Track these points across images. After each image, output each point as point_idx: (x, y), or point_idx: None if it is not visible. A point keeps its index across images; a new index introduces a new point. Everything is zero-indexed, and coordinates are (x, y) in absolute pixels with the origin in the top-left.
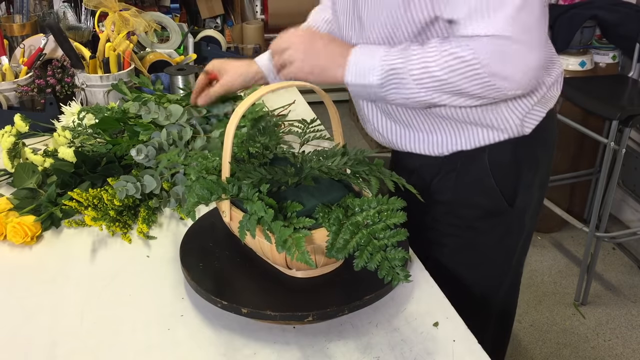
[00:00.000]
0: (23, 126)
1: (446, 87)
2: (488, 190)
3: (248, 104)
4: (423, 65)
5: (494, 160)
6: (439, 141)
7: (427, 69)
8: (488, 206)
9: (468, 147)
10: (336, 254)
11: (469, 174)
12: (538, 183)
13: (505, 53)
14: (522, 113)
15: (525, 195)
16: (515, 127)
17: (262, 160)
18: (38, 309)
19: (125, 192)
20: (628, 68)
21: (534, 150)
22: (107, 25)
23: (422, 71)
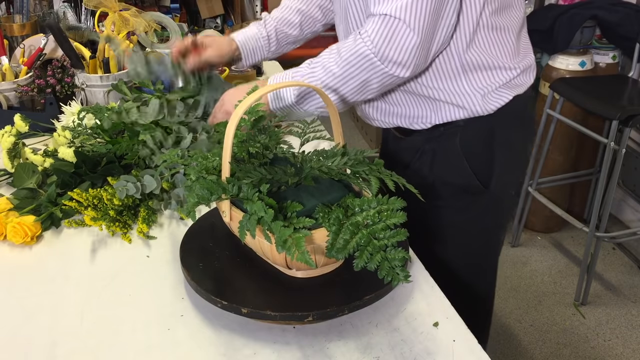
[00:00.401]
0: (23, 126)
1: (349, 84)
2: (461, 170)
3: (248, 104)
4: (326, 69)
5: (465, 141)
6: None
7: (329, 71)
8: (461, 184)
9: (438, 121)
10: (336, 254)
11: (443, 154)
12: (514, 166)
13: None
14: (484, 92)
15: (501, 178)
16: (479, 106)
17: (262, 160)
18: (38, 309)
19: (125, 191)
20: (628, 68)
21: (507, 133)
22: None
23: (326, 76)
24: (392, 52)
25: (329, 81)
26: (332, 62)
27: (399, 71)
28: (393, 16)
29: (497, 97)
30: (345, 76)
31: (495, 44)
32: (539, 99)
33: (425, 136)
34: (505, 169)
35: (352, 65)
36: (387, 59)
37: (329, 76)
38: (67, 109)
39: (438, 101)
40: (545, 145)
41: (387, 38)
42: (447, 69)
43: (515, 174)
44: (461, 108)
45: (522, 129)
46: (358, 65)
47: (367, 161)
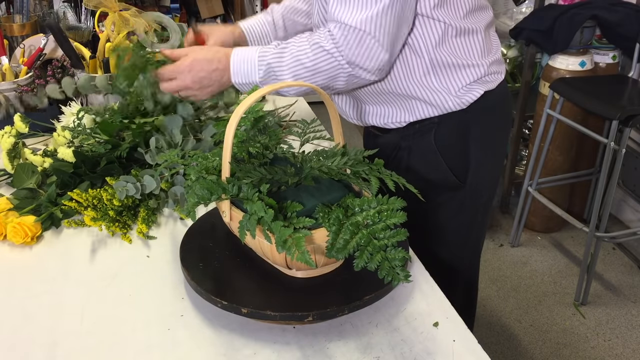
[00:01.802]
0: (23, 126)
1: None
2: (437, 166)
3: (248, 104)
4: (297, 57)
5: (440, 138)
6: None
7: (299, 60)
8: (438, 180)
9: (412, 119)
10: (336, 254)
11: (419, 151)
12: (490, 161)
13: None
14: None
15: (477, 173)
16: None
17: (262, 160)
18: (38, 309)
19: (125, 192)
20: (628, 68)
21: (481, 128)
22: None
23: (295, 63)
24: (361, 60)
25: (298, 70)
26: (303, 54)
27: (366, 75)
28: (360, 29)
29: (468, 93)
30: (315, 70)
31: (464, 44)
32: (539, 99)
33: (401, 134)
34: (481, 164)
35: (322, 62)
36: (355, 64)
37: (299, 66)
38: (67, 109)
39: (410, 99)
40: (545, 145)
41: (356, 48)
42: (417, 67)
43: (492, 168)
44: (433, 105)
45: (496, 124)
46: (327, 64)
47: (367, 161)
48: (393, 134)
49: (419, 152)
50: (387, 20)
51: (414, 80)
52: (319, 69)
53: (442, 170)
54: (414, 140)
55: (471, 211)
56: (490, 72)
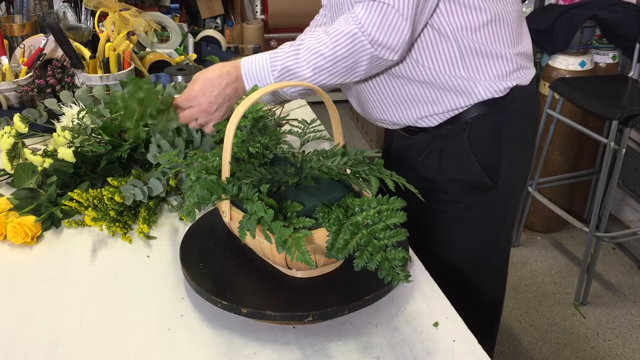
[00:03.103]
0: (22, 126)
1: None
2: (469, 166)
3: (248, 104)
4: (315, 50)
5: (473, 138)
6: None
7: (318, 52)
8: (470, 181)
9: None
10: (336, 254)
11: (451, 152)
12: (520, 161)
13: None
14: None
15: (509, 173)
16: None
17: (262, 160)
18: (38, 309)
19: (132, 197)
20: (628, 68)
21: (513, 128)
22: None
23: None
24: (384, 37)
25: (318, 62)
26: (321, 44)
27: (388, 54)
28: (384, 2)
29: (498, 82)
30: (335, 58)
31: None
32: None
33: (432, 134)
34: (513, 164)
35: (342, 47)
36: (378, 43)
37: (318, 58)
38: (67, 110)
39: (439, 89)
40: (545, 145)
41: (379, 23)
42: (445, 53)
43: (522, 168)
44: (464, 94)
45: (527, 124)
46: (348, 47)
47: (367, 161)
48: (422, 136)
49: (450, 153)
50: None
51: (444, 68)
52: (339, 56)
53: (475, 171)
54: (445, 141)
55: (502, 212)
56: (521, 67)
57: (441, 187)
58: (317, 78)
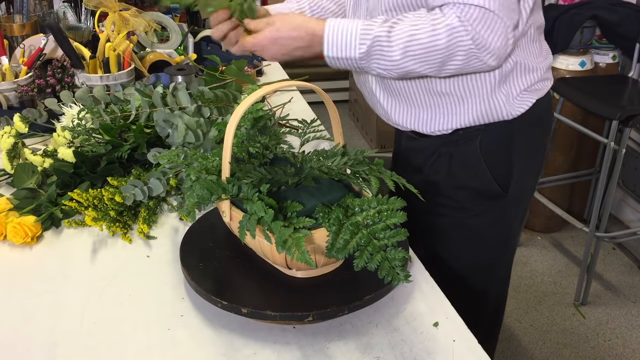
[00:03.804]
0: (22, 126)
1: (432, 55)
2: (480, 173)
3: (248, 104)
4: (410, 33)
5: (485, 145)
6: (434, 118)
7: (414, 36)
8: (480, 189)
9: (460, 125)
10: (336, 254)
11: (462, 157)
12: (532, 172)
13: (491, 25)
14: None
15: (520, 182)
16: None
17: (262, 160)
18: (38, 309)
19: (132, 197)
20: (628, 68)
21: (526, 137)
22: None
23: (408, 39)
24: (490, 42)
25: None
26: (419, 30)
27: (490, 60)
28: (486, 8)
29: (520, 102)
30: (430, 47)
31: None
32: None
33: (443, 139)
34: (524, 173)
35: (442, 38)
36: (482, 47)
37: (413, 42)
38: (67, 110)
39: (465, 103)
40: None
41: (486, 30)
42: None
43: (533, 177)
44: (484, 111)
45: (540, 132)
46: (448, 40)
47: (367, 161)
48: (433, 139)
49: (461, 159)
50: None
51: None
52: (435, 46)
53: (485, 178)
54: (456, 146)
55: (511, 221)
56: (543, 78)
57: (449, 192)
58: (405, 63)
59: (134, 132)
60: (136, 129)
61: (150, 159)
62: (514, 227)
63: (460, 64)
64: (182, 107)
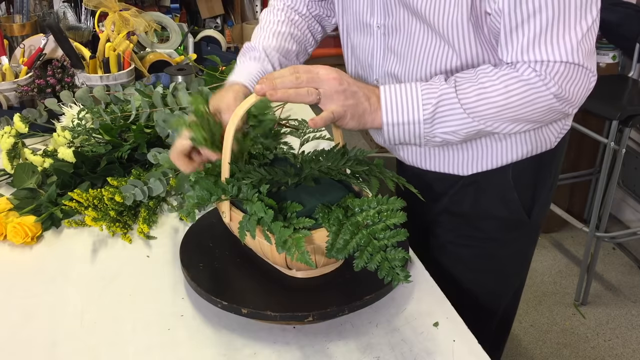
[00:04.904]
0: (22, 126)
1: (505, 113)
2: (509, 203)
3: (247, 106)
4: (478, 92)
5: (518, 174)
6: (464, 159)
7: (483, 95)
8: (508, 219)
9: (492, 166)
10: (336, 254)
11: (491, 187)
12: (550, 189)
13: (574, 78)
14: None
15: (540, 204)
16: (549, 142)
17: (262, 161)
18: (38, 309)
19: (132, 197)
20: (628, 68)
21: (553, 161)
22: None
23: (477, 98)
24: (572, 94)
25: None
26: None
27: (571, 110)
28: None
29: (560, 130)
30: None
31: None
32: None
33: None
34: (544, 193)
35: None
36: (564, 99)
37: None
38: (67, 110)
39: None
40: None
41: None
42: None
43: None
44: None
45: (564, 151)
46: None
47: (367, 161)
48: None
49: (490, 188)
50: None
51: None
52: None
53: (514, 208)
54: (485, 175)
55: (532, 244)
56: None
57: (474, 223)
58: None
59: (134, 132)
60: (136, 129)
61: (150, 159)
62: (532, 248)
63: (538, 118)
64: (182, 107)
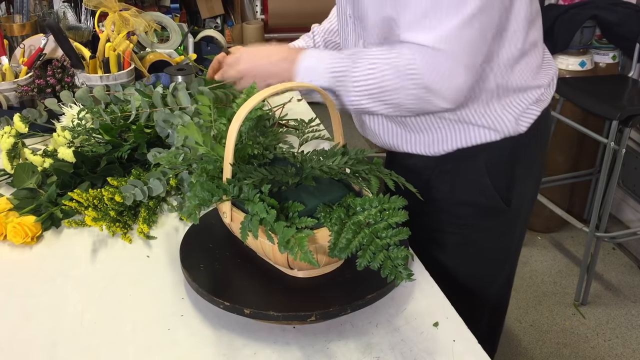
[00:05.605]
0: (22, 126)
1: (382, 96)
2: (484, 189)
3: (251, 106)
4: (367, 72)
5: (490, 160)
6: (434, 140)
7: (369, 76)
8: (485, 205)
9: (464, 145)
10: (339, 254)
11: (465, 173)
12: (533, 181)
13: (440, 68)
14: (517, 113)
15: (521, 194)
16: (511, 127)
17: (262, 161)
18: (38, 309)
19: (132, 197)
20: (628, 68)
21: (530, 149)
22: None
23: (364, 78)
24: (439, 86)
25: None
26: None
27: (442, 103)
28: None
29: (528, 116)
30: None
31: (530, 64)
32: None
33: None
34: (525, 184)
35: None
36: (431, 91)
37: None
38: (67, 110)
39: (468, 124)
40: None
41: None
42: (482, 94)
43: (533, 185)
44: (492, 130)
45: (541, 142)
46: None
47: (367, 160)
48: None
49: (464, 175)
50: (471, 34)
51: (476, 106)
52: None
53: (489, 194)
54: (459, 162)
55: (514, 233)
56: (547, 88)
57: (451, 209)
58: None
59: (134, 132)
60: (136, 129)
61: (150, 159)
62: (516, 238)
63: (416, 109)
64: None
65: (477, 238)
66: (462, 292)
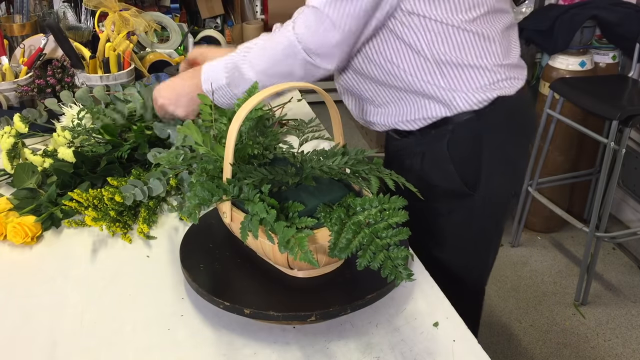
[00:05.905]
0: (22, 126)
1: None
2: (447, 174)
3: (251, 106)
4: (259, 52)
5: (453, 145)
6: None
7: (261, 54)
8: (447, 189)
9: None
10: (339, 254)
11: (431, 157)
12: (503, 171)
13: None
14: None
15: (490, 182)
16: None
17: (262, 161)
18: (38, 309)
19: (132, 197)
20: (628, 68)
21: (495, 138)
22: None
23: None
24: (315, 45)
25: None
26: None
27: (322, 63)
28: (320, 10)
29: (479, 94)
30: (274, 60)
31: (473, 46)
32: (539, 99)
33: (417, 139)
34: (494, 174)
35: (280, 50)
36: (310, 51)
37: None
38: (67, 110)
39: (419, 96)
40: (545, 145)
41: (312, 30)
42: (421, 65)
43: (506, 178)
44: (443, 104)
45: (513, 133)
46: (283, 51)
47: (367, 161)
48: (410, 139)
49: (431, 159)
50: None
51: (420, 77)
52: (277, 59)
53: (452, 178)
54: (427, 146)
55: (482, 221)
56: (506, 77)
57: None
58: (260, 79)
59: (134, 132)
60: (136, 129)
61: (150, 159)
62: (486, 229)
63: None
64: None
65: (441, 221)
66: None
